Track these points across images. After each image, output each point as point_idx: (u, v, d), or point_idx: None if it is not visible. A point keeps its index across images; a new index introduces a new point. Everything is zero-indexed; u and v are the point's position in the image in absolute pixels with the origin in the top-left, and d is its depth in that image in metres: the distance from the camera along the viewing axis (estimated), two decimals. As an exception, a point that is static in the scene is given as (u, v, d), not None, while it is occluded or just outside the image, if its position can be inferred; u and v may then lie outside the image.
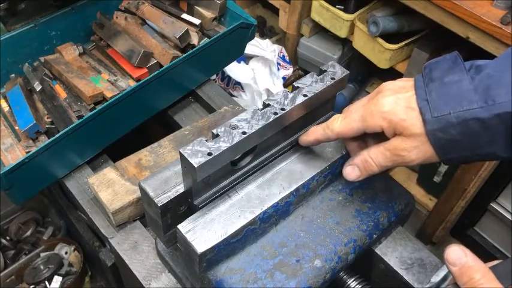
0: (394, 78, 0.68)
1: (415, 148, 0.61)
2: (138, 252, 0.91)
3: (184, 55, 1.07)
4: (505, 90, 0.55)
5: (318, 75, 0.73)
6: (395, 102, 0.62)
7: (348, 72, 0.74)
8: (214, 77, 1.94)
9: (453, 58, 0.62)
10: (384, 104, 0.63)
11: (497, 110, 0.55)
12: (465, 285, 0.53)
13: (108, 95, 1.08)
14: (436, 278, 0.60)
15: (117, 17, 1.23)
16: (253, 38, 1.22)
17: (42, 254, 1.61)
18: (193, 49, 1.09)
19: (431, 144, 0.60)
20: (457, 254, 0.54)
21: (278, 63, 2.02)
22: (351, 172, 0.69)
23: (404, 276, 0.75)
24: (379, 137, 0.66)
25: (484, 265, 0.53)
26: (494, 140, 0.57)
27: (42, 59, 1.16)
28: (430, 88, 0.60)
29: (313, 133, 0.72)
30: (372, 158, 0.66)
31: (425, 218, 1.94)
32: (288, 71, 2.06)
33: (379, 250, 0.78)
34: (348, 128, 0.66)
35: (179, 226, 0.66)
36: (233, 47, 1.22)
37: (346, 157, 0.76)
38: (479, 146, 0.59)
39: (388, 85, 0.65)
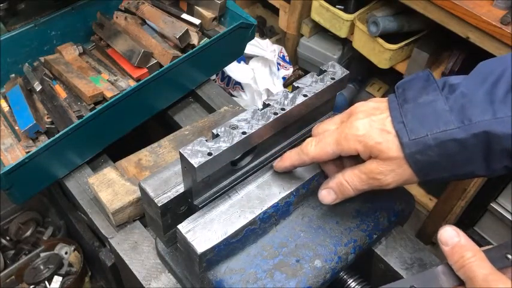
0: (394, 78, 0.68)
1: (392, 171, 0.61)
2: (138, 252, 0.91)
3: (184, 55, 1.07)
4: (479, 109, 0.55)
5: (318, 75, 0.73)
6: (369, 125, 0.61)
7: (348, 72, 0.74)
8: (214, 77, 1.94)
9: (425, 76, 0.61)
10: (358, 127, 0.62)
11: (474, 130, 0.55)
12: (456, 264, 0.53)
13: (108, 95, 1.08)
14: None
15: (117, 17, 1.23)
16: (253, 38, 1.22)
17: (42, 254, 1.61)
18: (193, 49, 1.09)
19: (410, 167, 0.59)
20: (450, 233, 0.54)
21: (278, 63, 2.02)
22: (326, 195, 0.68)
23: (404, 276, 0.75)
24: (355, 158, 0.65)
25: (476, 246, 0.54)
26: (472, 159, 0.57)
27: (42, 59, 1.16)
28: (405, 109, 0.60)
29: (288, 158, 0.70)
30: (348, 181, 0.65)
31: (425, 218, 1.94)
32: (288, 71, 2.06)
33: (379, 250, 0.78)
34: (322, 152, 0.65)
35: (179, 226, 0.66)
36: (233, 47, 1.22)
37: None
38: (457, 166, 0.58)
39: (361, 107, 0.65)
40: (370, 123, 0.62)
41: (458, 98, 0.57)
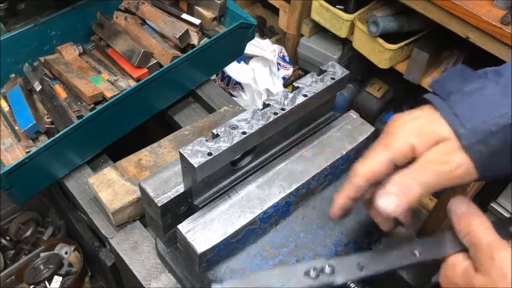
0: (394, 78, 0.68)
1: (459, 151, 0.53)
2: (138, 252, 0.91)
3: (184, 55, 1.07)
4: None
5: (318, 75, 0.73)
6: (417, 124, 0.55)
7: (348, 72, 0.74)
8: (214, 77, 1.94)
9: (460, 69, 0.57)
10: (405, 128, 0.55)
11: None
12: (462, 231, 0.53)
13: (108, 95, 1.08)
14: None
15: (117, 17, 1.23)
16: (253, 38, 1.22)
17: (42, 254, 1.61)
18: (193, 49, 1.09)
19: (471, 160, 0.53)
20: (460, 202, 0.54)
21: (278, 63, 2.02)
22: (387, 204, 0.53)
23: (404, 277, 0.75)
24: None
25: (484, 217, 0.53)
26: None
27: (42, 59, 1.16)
28: (452, 101, 0.54)
29: (340, 195, 0.60)
30: (411, 177, 0.53)
31: (425, 218, 1.94)
32: (288, 71, 2.06)
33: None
34: (372, 163, 0.56)
35: (179, 226, 0.66)
36: (233, 47, 1.22)
37: (345, 157, 0.77)
38: None
39: (398, 117, 0.58)
40: (416, 122, 0.55)
41: (508, 81, 0.53)
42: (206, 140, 0.64)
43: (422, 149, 0.54)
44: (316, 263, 0.56)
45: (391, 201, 0.53)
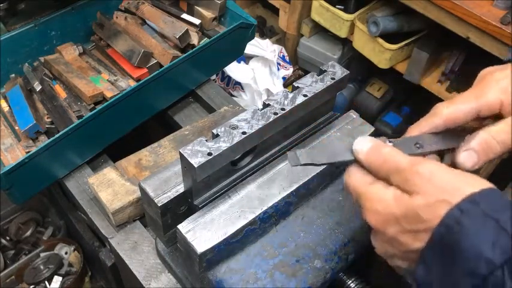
0: (394, 78, 0.68)
1: None
2: (138, 252, 0.91)
3: (184, 55, 1.07)
4: None
5: (318, 75, 0.73)
6: (508, 77, 0.54)
7: (348, 72, 0.74)
8: (214, 77, 1.94)
9: None
10: (500, 84, 0.55)
11: None
12: (375, 163, 0.53)
13: (108, 95, 1.08)
14: None
15: (117, 17, 1.23)
16: (253, 38, 1.22)
17: (42, 254, 1.61)
18: (193, 49, 1.09)
19: None
20: (363, 140, 0.55)
21: (278, 63, 2.02)
22: (467, 159, 0.55)
23: (404, 277, 0.75)
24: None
25: (389, 145, 0.55)
26: None
27: (42, 59, 1.16)
28: None
29: (416, 126, 0.61)
30: (494, 136, 0.53)
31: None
32: (288, 71, 2.06)
33: (379, 250, 0.78)
34: (458, 108, 0.56)
35: (179, 226, 0.66)
36: (233, 47, 1.22)
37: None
38: None
39: (495, 71, 0.58)
40: (509, 76, 0.54)
41: None
42: (206, 140, 0.64)
43: (509, 108, 0.54)
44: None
45: (471, 158, 0.55)
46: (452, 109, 0.57)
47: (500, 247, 0.41)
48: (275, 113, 0.67)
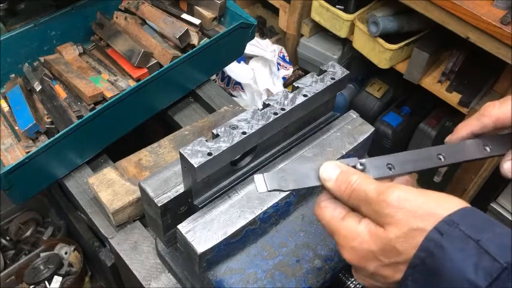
0: (394, 78, 0.68)
1: None
2: (138, 252, 0.91)
3: (184, 55, 1.07)
4: None
5: (318, 75, 0.73)
6: None
7: (348, 72, 0.74)
8: (214, 77, 1.94)
9: None
10: None
11: None
12: (345, 193, 0.51)
13: (108, 95, 1.08)
14: None
15: (117, 17, 1.23)
16: (253, 38, 1.22)
17: (42, 254, 1.61)
18: (193, 49, 1.09)
19: None
20: (330, 167, 0.53)
21: (278, 63, 2.02)
22: (510, 169, 0.57)
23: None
24: None
25: (357, 171, 0.53)
26: None
27: (42, 59, 1.16)
28: None
29: (464, 126, 0.61)
30: None
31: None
32: (288, 71, 2.06)
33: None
34: (508, 109, 0.56)
35: (179, 226, 0.66)
36: (233, 47, 1.22)
37: (346, 157, 0.77)
38: None
39: None
40: None
41: None
42: (206, 140, 0.64)
43: None
44: (348, 161, 0.55)
45: None
46: (502, 110, 0.57)
47: (483, 269, 0.41)
48: (275, 113, 0.67)
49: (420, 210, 0.45)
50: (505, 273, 0.40)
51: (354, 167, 0.54)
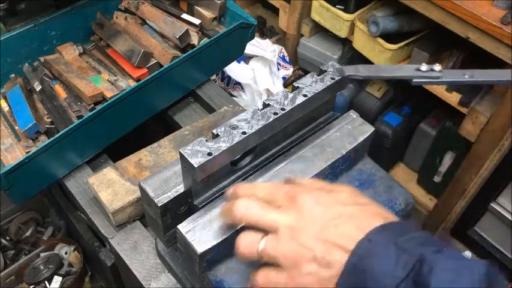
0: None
1: None
2: (138, 252, 0.91)
3: (184, 55, 1.07)
4: None
5: (318, 75, 0.73)
6: None
7: (348, 72, 0.74)
8: (214, 77, 1.94)
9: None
10: None
11: None
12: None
13: (108, 95, 1.08)
14: None
15: (117, 17, 1.23)
16: (253, 38, 1.22)
17: (42, 254, 1.61)
18: (193, 49, 1.09)
19: None
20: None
21: (278, 63, 2.02)
22: None
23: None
24: None
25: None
26: None
27: (42, 59, 1.16)
28: None
29: None
30: None
31: (425, 218, 1.94)
32: (288, 71, 2.06)
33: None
34: None
35: (179, 226, 0.66)
36: (233, 47, 1.22)
37: (345, 157, 0.77)
38: None
39: None
40: None
41: None
42: (206, 140, 0.64)
43: None
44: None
45: None
46: None
47: (402, 263, 0.47)
48: (275, 113, 0.67)
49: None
50: (418, 263, 0.46)
51: None
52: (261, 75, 1.96)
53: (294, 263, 0.52)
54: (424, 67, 0.65)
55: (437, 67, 0.61)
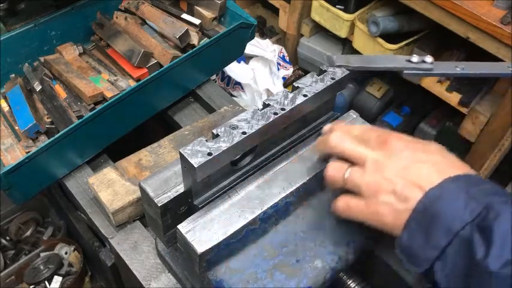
0: (394, 78, 0.69)
1: None
2: (138, 252, 0.91)
3: (184, 55, 1.07)
4: None
5: (318, 75, 0.73)
6: None
7: (348, 72, 0.74)
8: (214, 77, 1.94)
9: None
10: None
11: None
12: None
13: (108, 95, 1.08)
14: None
15: (117, 17, 1.23)
16: (253, 38, 1.22)
17: (42, 254, 1.61)
18: (193, 49, 1.09)
19: None
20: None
21: (278, 63, 2.02)
22: None
23: (404, 277, 0.75)
24: None
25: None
26: None
27: (42, 59, 1.16)
28: None
29: None
30: None
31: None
32: (288, 71, 2.06)
33: (380, 250, 0.78)
34: None
35: (179, 226, 0.66)
36: (233, 47, 1.22)
37: (346, 157, 0.76)
38: None
39: None
40: None
41: None
42: (206, 140, 0.64)
43: None
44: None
45: None
46: None
47: (469, 208, 0.51)
48: (275, 113, 0.67)
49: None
50: (484, 210, 0.50)
51: None
52: (261, 75, 1.96)
53: (374, 192, 0.58)
54: (415, 58, 0.66)
55: (428, 59, 0.62)
